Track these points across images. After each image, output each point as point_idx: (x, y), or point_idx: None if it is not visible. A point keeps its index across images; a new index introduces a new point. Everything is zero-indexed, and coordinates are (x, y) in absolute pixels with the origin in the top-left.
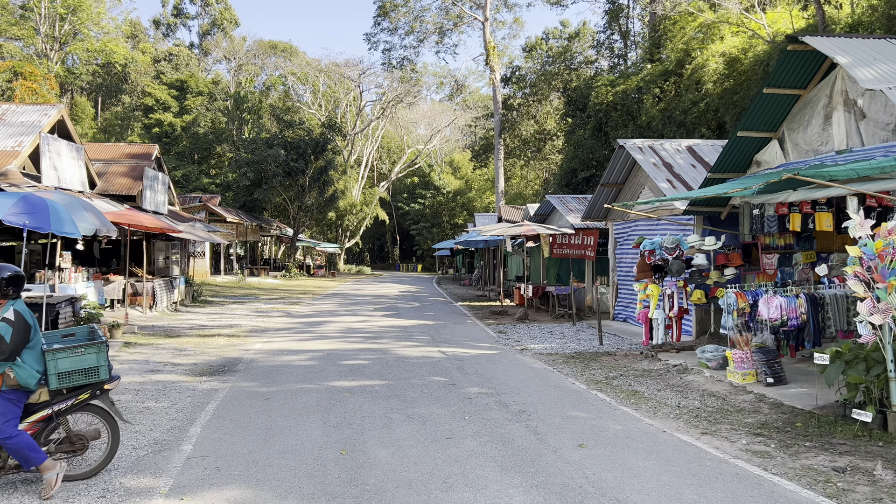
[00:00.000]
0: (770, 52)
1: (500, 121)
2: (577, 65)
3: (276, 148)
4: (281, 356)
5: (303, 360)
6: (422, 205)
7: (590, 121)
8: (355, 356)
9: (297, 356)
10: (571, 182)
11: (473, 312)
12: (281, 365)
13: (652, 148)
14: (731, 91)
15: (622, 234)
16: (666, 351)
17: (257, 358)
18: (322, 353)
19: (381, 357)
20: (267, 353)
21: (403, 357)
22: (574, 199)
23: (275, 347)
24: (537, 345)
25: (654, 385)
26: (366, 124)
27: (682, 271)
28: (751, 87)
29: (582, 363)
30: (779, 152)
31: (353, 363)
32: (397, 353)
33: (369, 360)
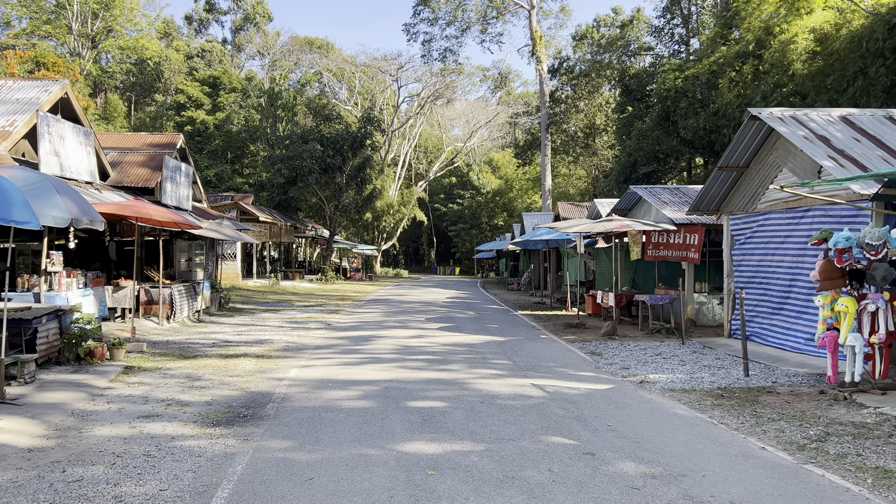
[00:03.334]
0: (872, 27)
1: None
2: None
3: (311, 143)
4: (324, 391)
5: (354, 399)
6: (460, 205)
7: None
8: (424, 393)
9: (345, 391)
10: (631, 178)
11: (543, 325)
12: (325, 406)
13: (795, 118)
14: (822, 72)
15: (743, 230)
16: (864, 391)
17: (292, 393)
18: (378, 386)
19: (459, 395)
20: (305, 384)
21: (490, 395)
22: (666, 191)
23: (315, 376)
24: (656, 374)
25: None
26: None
27: (891, 278)
28: (847, 67)
29: (742, 407)
30: None
31: (425, 406)
32: (479, 389)
33: (445, 400)
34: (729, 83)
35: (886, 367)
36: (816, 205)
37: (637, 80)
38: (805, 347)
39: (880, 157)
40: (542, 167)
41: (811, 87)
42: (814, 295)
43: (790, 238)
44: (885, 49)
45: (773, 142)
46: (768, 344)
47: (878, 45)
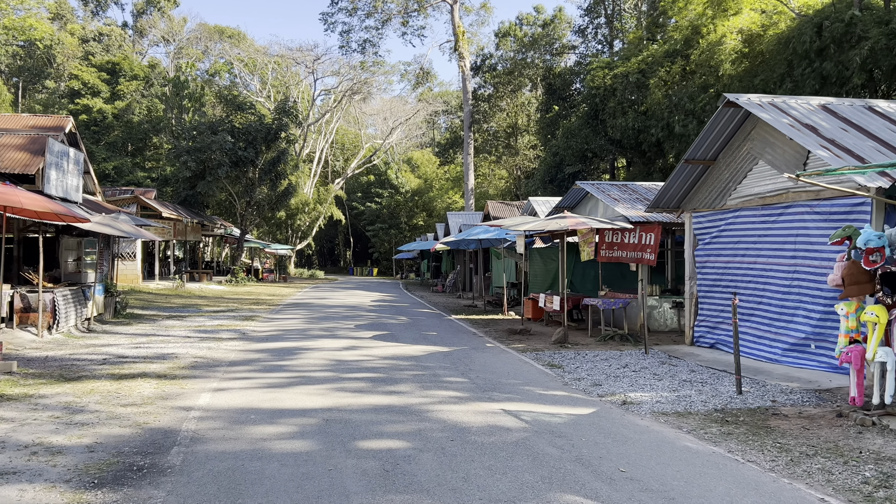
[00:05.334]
0: (800, 29)
1: (470, 112)
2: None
3: (222, 134)
4: (246, 426)
5: (288, 439)
6: (378, 204)
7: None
8: (376, 427)
9: (274, 426)
10: (556, 178)
11: (484, 331)
12: (250, 451)
13: (775, 105)
14: (749, 73)
15: (708, 228)
16: (892, 415)
17: (205, 430)
18: (316, 417)
19: (421, 429)
20: (221, 416)
21: (459, 428)
22: (614, 187)
23: (233, 403)
24: (637, 393)
25: None
26: (319, 116)
27: None
28: (774, 68)
29: (757, 436)
30: None
31: (381, 446)
32: (443, 419)
33: (405, 437)
34: (658, 82)
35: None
36: (800, 200)
37: (562, 78)
38: (783, 358)
39: (874, 148)
40: (465, 166)
41: (739, 88)
42: (789, 299)
43: (765, 237)
44: (811, 51)
45: (746, 132)
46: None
47: (805, 48)
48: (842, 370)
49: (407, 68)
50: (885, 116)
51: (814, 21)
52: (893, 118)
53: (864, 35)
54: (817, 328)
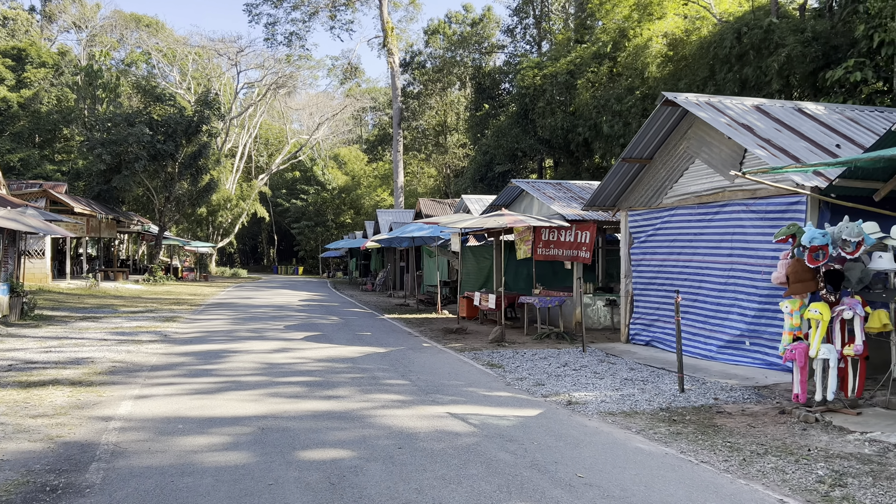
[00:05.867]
0: (721, 34)
1: (400, 109)
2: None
3: (139, 126)
4: (174, 437)
5: (221, 450)
6: (304, 201)
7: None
8: (317, 435)
9: (206, 436)
10: (487, 176)
11: (419, 330)
12: (180, 465)
13: (712, 105)
14: (674, 76)
15: (644, 227)
16: (834, 411)
17: (128, 443)
18: (251, 426)
19: (365, 436)
20: (145, 426)
21: (405, 434)
22: (549, 185)
23: (158, 412)
24: (581, 393)
25: None
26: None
27: (868, 280)
28: (697, 72)
29: (706, 436)
30: None
31: (324, 456)
32: (388, 425)
33: (349, 445)
34: (586, 83)
35: (862, 383)
36: (736, 199)
37: (491, 78)
38: (718, 355)
39: (806, 149)
40: (395, 163)
41: (664, 91)
42: (725, 296)
43: (701, 235)
44: (732, 57)
45: (682, 131)
46: (672, 350)
47: (726, 53)
48: (776, 366)
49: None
50: (813, 118)
51: (734, 27)
52: (821, 120)
53: (781, 42)
54: (752, 325)
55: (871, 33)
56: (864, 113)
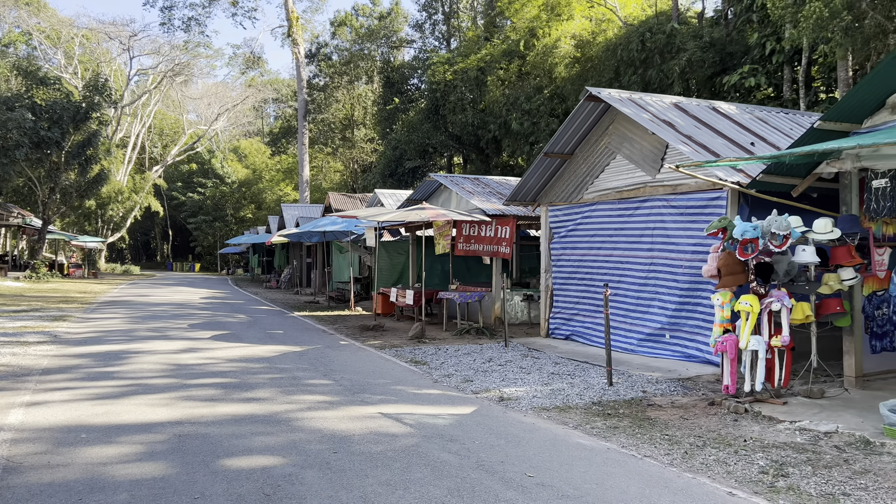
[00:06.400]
0: (627, 37)
1: (305, 102)
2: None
3: (20, 110)
4: (78, 448)
5: (134, 461)
6: (201, 195)
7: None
8: (242, 441)
9: (114, 446)
10: (397, 172)
11: (334, 328)
12: (88, 483)
13: (634, 101)
14: (581, 77)
15: (564, 222)
16: (761, 401)
17: (23, 458)
18: (165, 432)
19: (295, 441)
20: (42, 439)
21: (339, 437)
22: (467, 180)
23: (56, 420)
24: (511, 388)
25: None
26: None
27: (794, 273)
28: (603, 73)
29: (642, 429)
30: None
31: (253, 464)
32: (318, 428)
33: (279, 450)
34: (496, 81)
35: (788, 373)
36: (657, 195)
37: (400, 72)
38: (639, 348)
39: (724, 146)
40: (300, 157)
41: (572, 91)
42: (646, 290)
43: (622, 230)
44: (637, 60)
45: (604, 127)
46: (592, 344)
47: (631, 56)
48: (695, 359)
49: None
50: (727, 117)
51: (639, 31)
52: (735, 119)
53: (682, 47)
54: (672, 318)
55: (763, 41)
56: (771, 114)
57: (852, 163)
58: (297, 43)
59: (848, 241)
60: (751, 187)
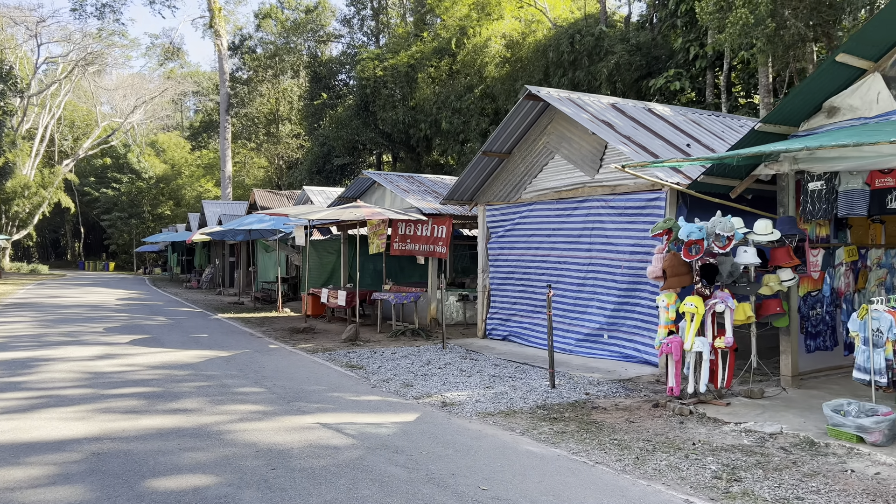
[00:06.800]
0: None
1: (228, 95)
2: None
3: None
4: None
5: (48, 488)
6: (116, 191)
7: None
8: (169, 457)
9: (23, 469)
10: (325, 169)
11: (261, 331)
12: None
13: (572, 100)
14: (511, 77)
15: (502, 221)
16: (705, 402)
17: None
18: (81, 451)
19: (228, 456)
20: None
21: (276, 451)
22: (402, 178)
23: None
24: (452, 393)
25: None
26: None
27: (737, 274)
28: (533, 74)
29: (590, 434)
30: (884, 93)
31: (183, 485)
32: (252, 441)
33: (211, 468)
34: (426, 79)
35: (731, 374)
36: (595, 195)
37: (327, 67)
38: (577, 348)
39: (662, 147)
40: (222, 152)
41: (502, 91)
42: (584, 291)
43: (560, 230)
44: (566, 61)
45: (542, 126)
46: (530, 345)
47: (560, 57)
48: (633, 359)
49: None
50: (662, 118)
51: (568, 33)
52: (670, 120)
53: (610, 50)
54: (611, 319)
55: (687, 46)
56: (703, 116)
57: (790, 165)
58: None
59: (787, 243)
60: (691, 188)
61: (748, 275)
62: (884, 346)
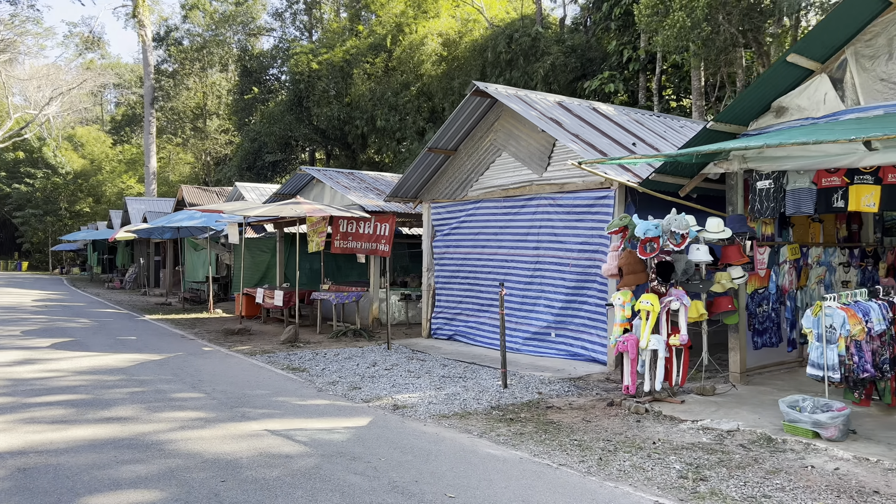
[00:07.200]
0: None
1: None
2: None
3: None
4: None
5: None
6: (30, 186)
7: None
8: (108, 474)
9: None
10: (255, 165)
11: (194, 332)
12: None
13: (520, 97)
14: (448, 76)
15: (448, 219)
16: (659, 400)
17: None
18: (6, 468)
19: (172, 468)
20: None
21: (224, 461)
22: (342, 175)
23: None
24: (403, 395)
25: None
26: None
27: (691, 272)
28: (470, 73)
29: (549, 434)
30: (830, 94)
31: (125, 501)
32: (198, 452)
33: (153, 482)
34: (362, 75)
35: (685, 372)
36: (543, 193)
37: (258, 61)
38: (524, 347)
39: (609, 145)
40: (146, 147)
41: (439, 89)
42: (531, 289)
43: (508, 228)
44: (503, 61)
45: (489, 123)
46: (477, 344)
47: (497, 57)
48: (580, 357)
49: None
50: (607, 117)
51: (506, 33)
52: (614, 119)
53: (546, 51)
54: (559, 317)
55: (621, 49)
56: (645, 116)
57: (739, 164)
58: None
59: (737, 241)
60: (644, 186)
61: (700, 272)
62: (836, 342)
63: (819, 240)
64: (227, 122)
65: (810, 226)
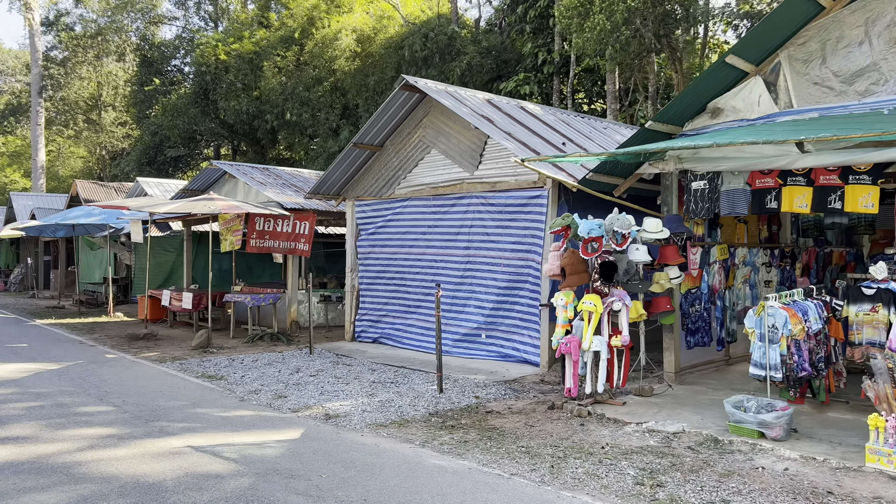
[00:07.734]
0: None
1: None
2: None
3: None
4: None
5: None
6: None
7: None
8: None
9: None
10: (157, 160)
11: (94, 338)
12: None
13: (450, 93)
14: (362, 72)
15: (373, 218)
16: (601, 402)
17: None
18: None
19: (85, 497)
20: None
21: (145, 485)
22: (256, 170)
23: None
24: (334, 403)
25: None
26: None
27: (633, 272)
28: (385, 71)
29: (493, 442)
30: (764, 96)
31: None
32: (112, 475)
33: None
34: (273, 68)
35: (626, 373)
36: (474, 192)
37: (160, 51)
38: (454, 349)
39: (540, 143)
40: (33, 139)
41: (352, 85)
42: (461, 290)
43: (437, 228)
44: (419, 59)
45: (418, 119)
46: (404, 347)
47: (414, 55)
48: (511, 358)
49: None
50: (535, 116)
51: (422, 31)
52: (543, 119)
53: (462, 50)
54: (489, 318)
55: (536, 52)
56: (570, 116)
57: (674, 164)
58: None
59: (673, 241)
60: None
61: (638, 273)
62: (779, 342)
63: (744, 240)
64: (124, 114)
65: (736, 227)
